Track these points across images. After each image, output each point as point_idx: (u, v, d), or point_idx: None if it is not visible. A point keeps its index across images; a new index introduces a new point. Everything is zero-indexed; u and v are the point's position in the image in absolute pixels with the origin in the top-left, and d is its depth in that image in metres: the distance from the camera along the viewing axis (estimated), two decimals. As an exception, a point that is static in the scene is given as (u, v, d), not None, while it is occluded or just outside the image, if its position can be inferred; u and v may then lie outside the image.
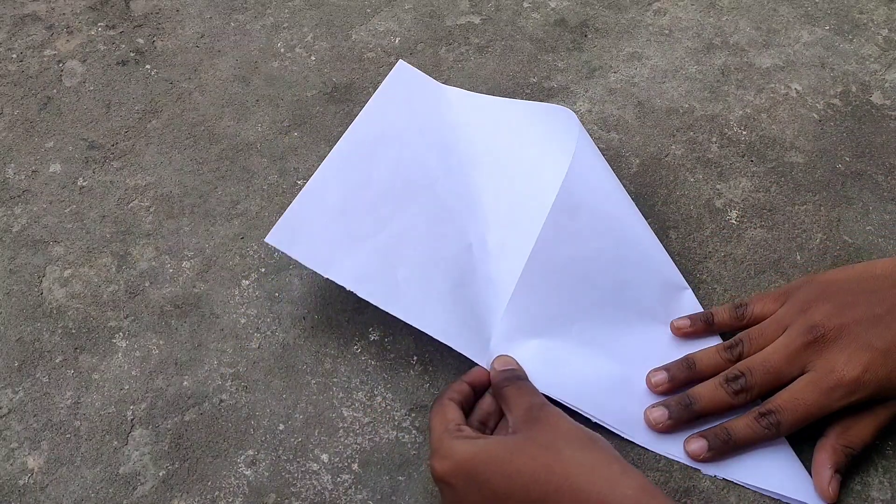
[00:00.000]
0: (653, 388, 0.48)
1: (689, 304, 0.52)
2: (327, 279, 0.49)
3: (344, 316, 0.52)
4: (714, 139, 0.60)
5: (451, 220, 0.55)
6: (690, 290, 0.52)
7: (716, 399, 0.46)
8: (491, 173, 0.57)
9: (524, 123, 0.59)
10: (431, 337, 0.50)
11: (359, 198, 0.54)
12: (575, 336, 0.51)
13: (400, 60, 0.63)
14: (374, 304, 0.49)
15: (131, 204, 0.58)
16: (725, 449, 0.45)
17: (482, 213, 0.56)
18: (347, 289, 0.49)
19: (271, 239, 0.50)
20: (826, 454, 0.44)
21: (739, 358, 0.47)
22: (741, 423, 0.45)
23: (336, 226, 0.52)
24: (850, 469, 0.46)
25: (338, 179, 0.54)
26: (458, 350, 0.49)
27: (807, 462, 0.46)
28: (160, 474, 0.47)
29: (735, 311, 0.49)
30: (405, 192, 0.55)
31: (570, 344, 0.50)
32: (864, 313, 0.45)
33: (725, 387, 0.46)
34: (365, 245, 0.52)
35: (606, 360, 0.50)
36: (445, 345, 0.50)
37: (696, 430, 0.47)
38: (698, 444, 0.46)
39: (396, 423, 0.49)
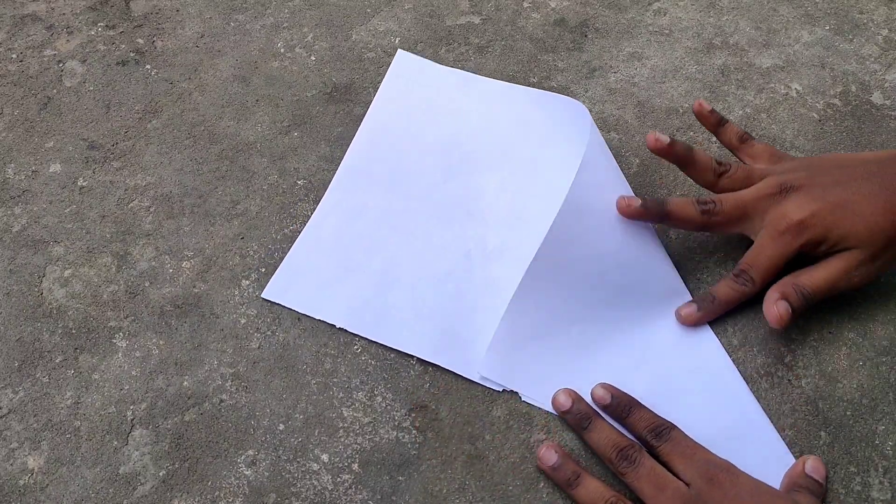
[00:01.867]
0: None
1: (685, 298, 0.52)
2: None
3: (344, 316, 0.52)
4: (714, 139, 0.60)
5: (450, 227, 0.56)
6: (691, 296, 0.52)
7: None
8: (495, 168, 0.57)
9: (533, 115, 0.59)
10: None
11: (355, 227, 0.56)
12: (575, 338, 0.51)
13: (399, 50, 0.63)
14: (364, 336, 0.51)
15: (131, 204, 0.58)
16: (712, 308, 0.51)
17: (482, 214, 0.56)
18: (338, 327, 0.52)
19: (267, 294, 0.53)
20: (774, 288, 0.49)
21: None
22: (722, 285, 0.51)
23: (329, 263, 0.54)
24: (851, 468, 0.46)
25: (334, 214, 0.57)
26: (447, 367, 0.50)
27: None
28: (160, 474, 0.47)
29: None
30: (403, 210, 0.57)
31: (570, 346, 0.50)
32: (828, 178, 0.50)
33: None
34: (358, 276, 0.54)
35: (605, 363, 0.50)
36: (445, 345, 0.50)
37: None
38: (688, 308, 0.51)
39: (396, 423, 0.48)
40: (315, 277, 0.54)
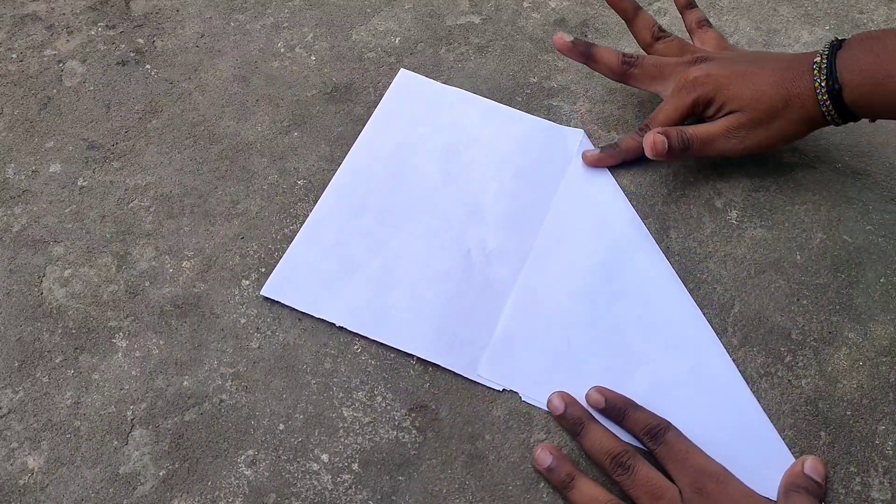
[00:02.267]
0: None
1: (687, 307, 0.52)
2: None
3: (344, 316, 0.52)
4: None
5: (450, 228, 0.56)
6: (689, 295, 0.52)
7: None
8: (492, 177, 0.58)
9: (529, 134, 0.61)
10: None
11: (355, 227, 0.56)
12: (574, 338, 0.51)
13: (402, 69, 0.64)
14: (364, 335, 0.51)
15: (131, 204, 0.58)
16: (613, 153, 0.57)
17: (481, 216, 0.56)
18: (338, 325, 0.51)
19: (266, 291, 0.53)
20: (660, 129, 0.54)
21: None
22: (626, 137, 0.58)
23: (330, 262, 0.54)
24: (851, 468, 0.46)
25: (335, 213, 0.57)
26: (447, 367, 0.50)
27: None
28: (160, 474, 0.47)
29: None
30: (403, 210, 0.57)
31: (569, 345, 0.51)
32: (740, 57, 0.56)
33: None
34: (358, 275, 0.54)
35: (605, 363, 0.50)
36: (445, 345, 0.50)
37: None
38: (592, 151, 0.58)
39: (396, 423, 0.48)
40: (315, 276, 0.54)
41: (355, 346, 0.51)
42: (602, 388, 0.48)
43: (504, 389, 0.49)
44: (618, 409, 0.47)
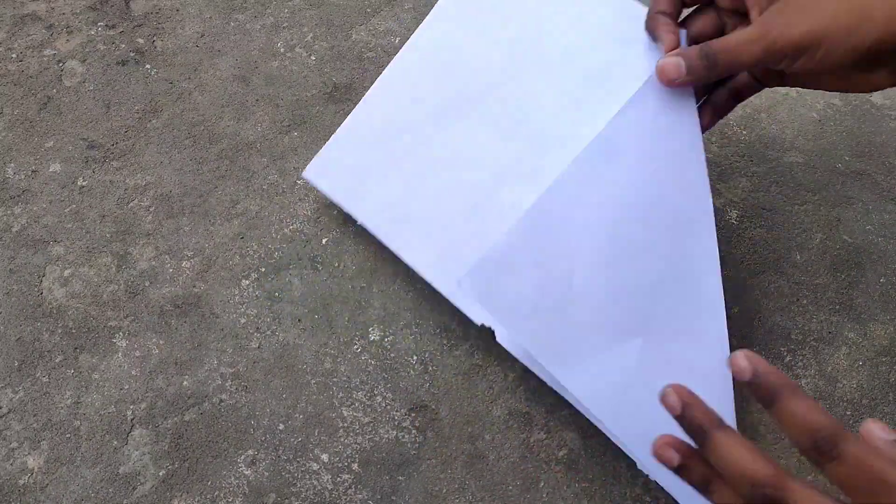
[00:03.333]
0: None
1: (712, 294, 0.45)
2: (327, 278, 0.49)
3: (344, 316, 0.53)
4: (714, 139, 0.60)
5: (493, 137, 0.50)
6: (720, 275, 0.45)
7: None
8: (560, 78, 0.50)
9: (615, 21, 0.49)
10: (431, 336, 0.50)
11: (401, 121, 0.54)
12: (576, 283, 0.44)
13: None
14: (380, 240, 0.52)
15: (131, 204, 0.58)
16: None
17: (529, 130, 0.50)
18: (359, 222, 0.53)
19: (307, 173, 0.54)
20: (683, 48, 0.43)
21: None
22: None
23: (369, 154, 0.54)
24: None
25: (384, 101, 0.55)
26: (434, 286, 0.49)
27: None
28: (160, 474, 0.47)
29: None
30: (453, 109, 0.52)
31: (568, 289, 0.44)
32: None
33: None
34: (391, 177, 0.53)
35: (601, 319, 0.44)
36: (445, 344, 0.50)
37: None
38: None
39: (396, 423, 0.49)
40: (352, 168, 0.54)
41: (355, 346, 0.51)
42: (753, 354, 0.33)
43: (482, 325, 0.48)
44: (769, 390, 0.33)
